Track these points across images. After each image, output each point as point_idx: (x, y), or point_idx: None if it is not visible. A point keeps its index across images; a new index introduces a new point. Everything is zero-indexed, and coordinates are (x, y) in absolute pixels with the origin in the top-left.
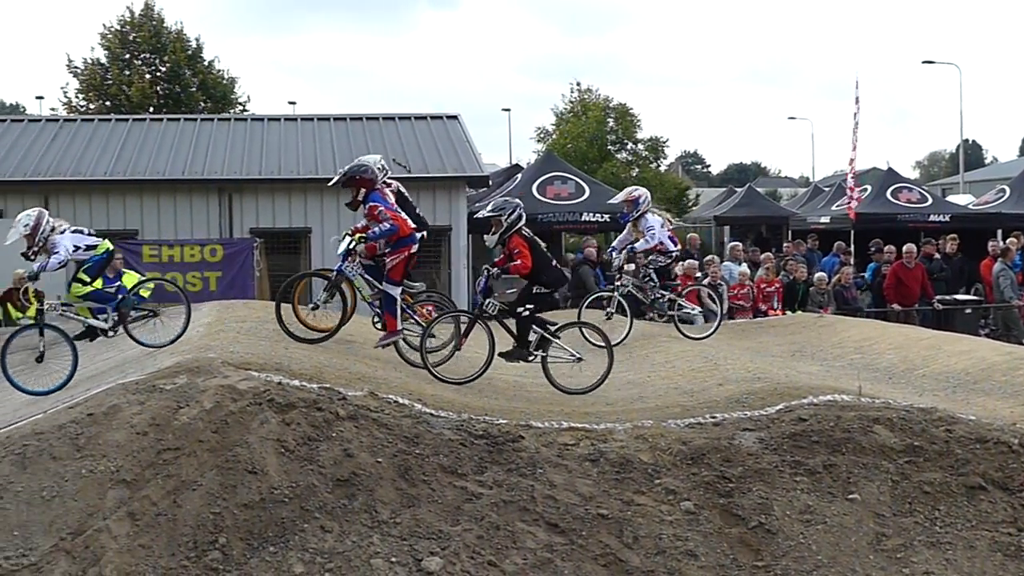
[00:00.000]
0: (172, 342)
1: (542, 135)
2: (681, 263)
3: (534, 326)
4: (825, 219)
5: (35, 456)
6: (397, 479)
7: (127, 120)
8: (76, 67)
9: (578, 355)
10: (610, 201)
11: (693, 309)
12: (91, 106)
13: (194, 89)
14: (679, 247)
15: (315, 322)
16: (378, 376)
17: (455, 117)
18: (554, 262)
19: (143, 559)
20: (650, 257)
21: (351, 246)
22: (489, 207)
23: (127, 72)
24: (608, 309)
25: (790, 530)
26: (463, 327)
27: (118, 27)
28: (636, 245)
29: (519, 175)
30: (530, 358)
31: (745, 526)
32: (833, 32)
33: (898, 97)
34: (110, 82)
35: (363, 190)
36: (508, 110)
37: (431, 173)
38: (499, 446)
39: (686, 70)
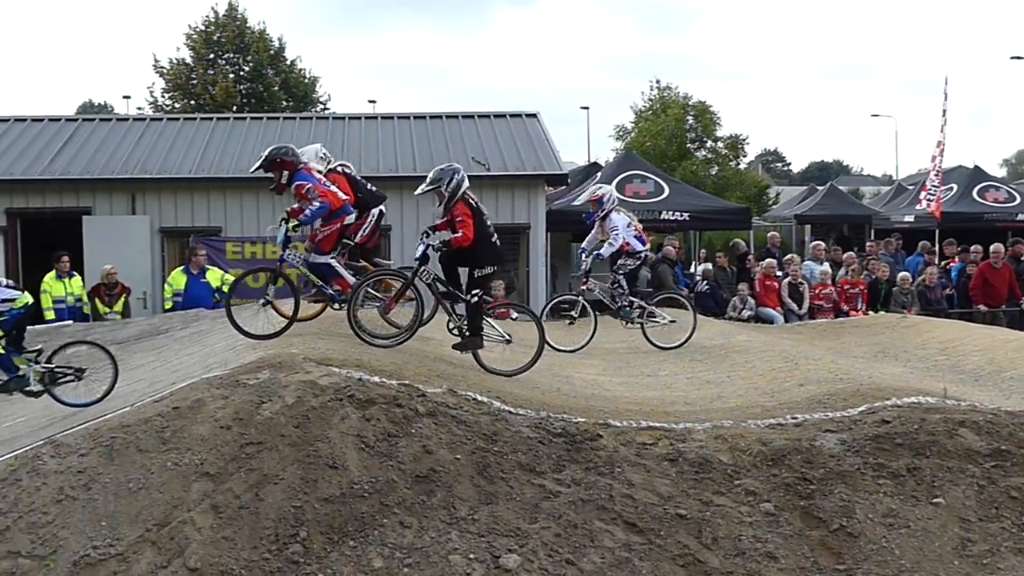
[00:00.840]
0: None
1: (621, 133)
2: (760, 262)
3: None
4: (909, 218)
5: (122, 448)
6: (475, 476)
7: (211, 119)
8: (162, 67)
9: (507, 336)
10: (575, 202)
11: (663, 318)
12: (176, 105)
13: (276, 88)
14: (648, 246)
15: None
16: (457, 374)
17: (534, 115)
18: (494, 238)
19: (226, 551)
20: (619, 262)
21: (288, 232)
22: (425, 182)
23: (211, 72)
24: (571, 313)
25: (872, 534)
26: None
27: (203, 27)
28: (602, 250)
29: (598, 173)
30: (483, 345)
31: (826, 529)
32: (916, 27)
33: (984, 94)
34: (195, 81)
35: (286, 172)
36: (587, 108)
37: (510, 171)
38: (577, 444)
39: (766, 66)
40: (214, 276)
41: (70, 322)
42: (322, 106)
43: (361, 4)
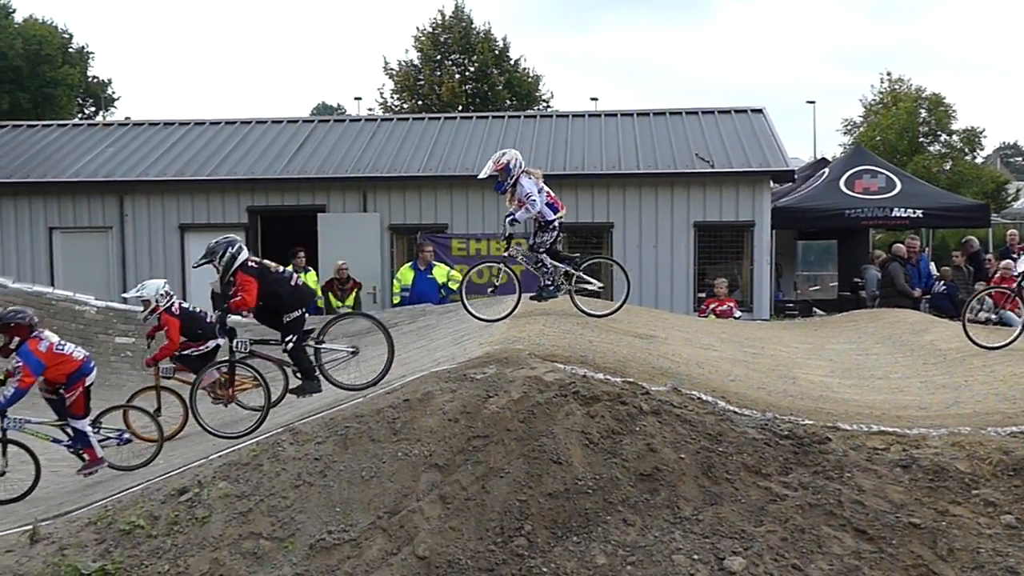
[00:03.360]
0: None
1: (849, 127)
2: (999, 262)
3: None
4: None
5: (356, 438)
6: (700, 476)
7: (439, 119)
8: (391, 69)
9: (352, 348)
10: (480, 176)
11: (593, 284)
12: (405, 106)
13: (500, 88)
14: (562, 211)
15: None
16: (681, 371)
17: (760, 110)
18: (294, 280)
19: (453, 541)
20: (537, 240)
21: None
22: (200, 255)
23: (438, 72)
24: (495, 281)
25: None
26: (229, 375)
27: (430, 30)
28: (517, 215)
29: (826, 169)
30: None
31: None
32: None
33: None
34: (422, 82)
35: (16, 338)
36: (812, 102)
37: (735, 168)
38: (805, 447)
39: (1006, 55)
40: (440, 272)
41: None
42: (545, 104)
43: (582, 2)
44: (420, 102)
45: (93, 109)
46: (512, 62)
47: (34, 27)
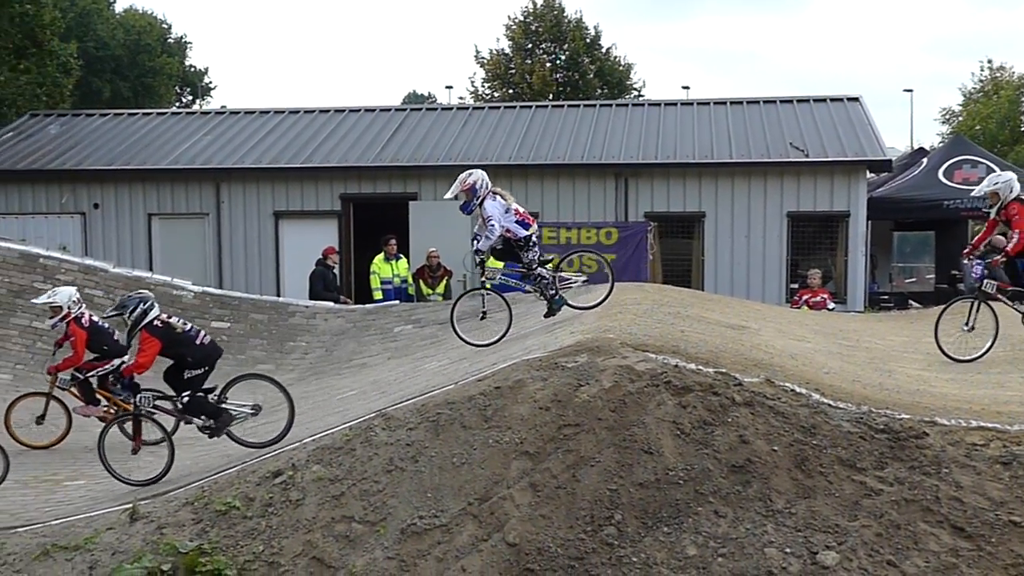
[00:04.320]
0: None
1: (948, 116)
2: None
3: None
4: None
5: (447, 424)
6: (793, 469)
7: (530, 107)
8: (483, 57)
9: (254, 406)
10: (446, 196)
11: (576, 280)
12: (495, 94)
13: (591, 76)
14: (533, 226)
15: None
16: (774, 363)
17: (856, 99)
18: (200, 338)
19: (543, 528)
20: (526, 259)
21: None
22: (114, 306)
23: (529, 61)
24: (482, 309)
25: None
26: (138, 424)
27: (522, 19)
28: (480, 245)
29: (924, 159)
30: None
31: None
32: None
33: None
34: (513, 71)
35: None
36: (910, 91)
37: (830, 157)
38: (901, 442)
39: None
40: None
41: (396, 302)
42: (636, 93)
43: None
44: (511, 91)
45: (191, 98)
46: (603, 50)
47: (134, 18)
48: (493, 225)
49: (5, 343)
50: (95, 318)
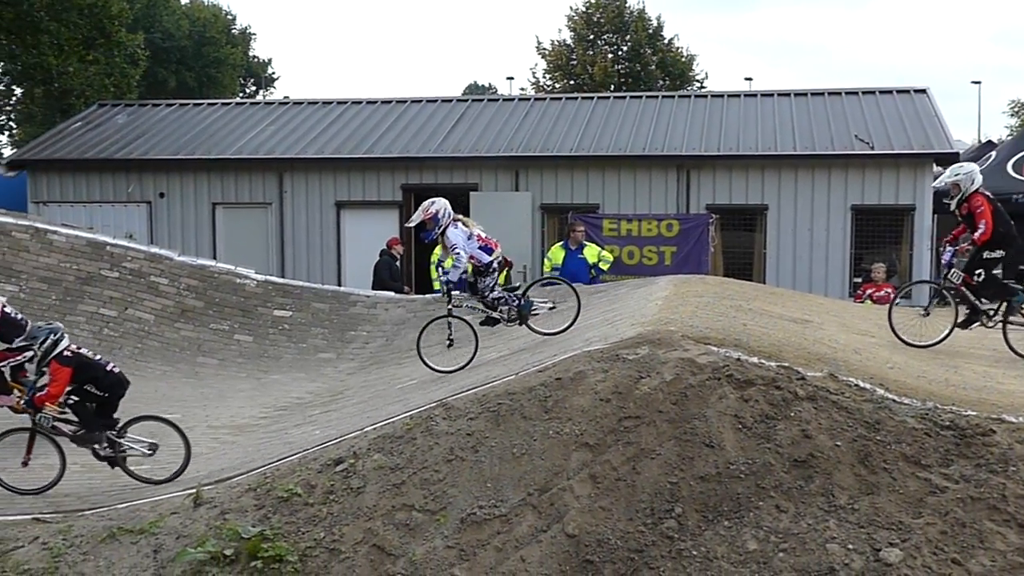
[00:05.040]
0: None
1: (1017, 109)
2: None
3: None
4: None
5: (507, 415)
6: (856, 464)
7: (591, 98)
8: (544, 48)
9: (149, 446)
10: (407, 224)
11: (542, 307)
12: (557, 85)
13: (653, 67)
14: (497, 251)
15: None
16: (838, 358)
17: (923, 91)
18: (110, 367)
19: (603, 520)
20: (483, 284)
21: None
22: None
23: (591, 52)
24: (449, 337)
25: None
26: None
27: (584, 9)
28: (450, 276)
29: (992, 152)
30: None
31: None
32: None
33: None
34: (575, 62)
35: None
36: (978, 83)
37: (896, 150)
38: (967, 439)
39: None
40: (591, 252)
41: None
42: (698, 84)
43: None
44: (572, 82)
45: (254, 88)
46: (665, 41)
47: (199, 9)
48: (460, 254)
49: (73, 329)
50: (8, 309)
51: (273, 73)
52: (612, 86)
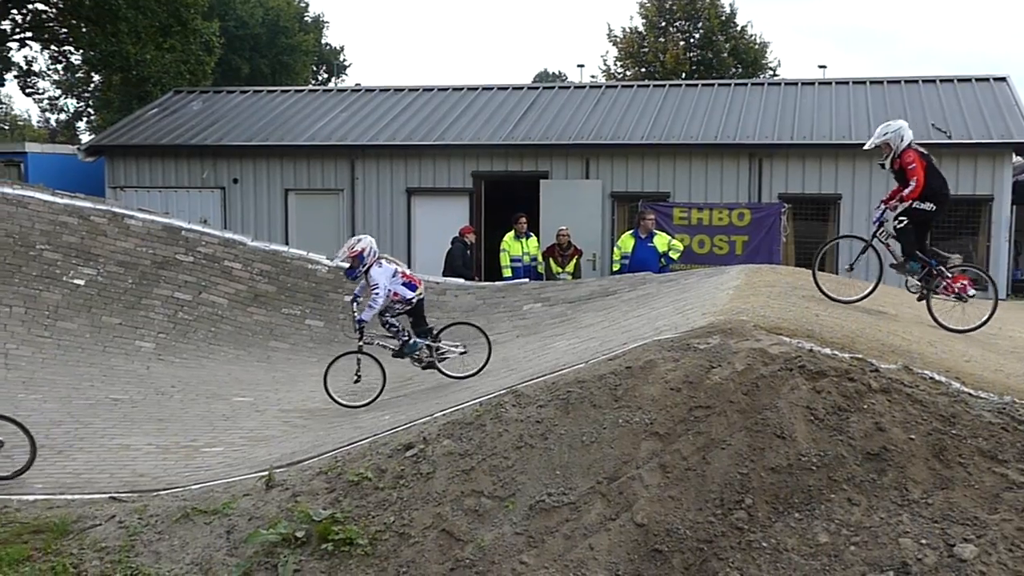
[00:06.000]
0: None
1: None
2: None
3: None
4: None
5: (577, 403)
6: (930, 458)
7: (663, 86)
8: (615, 36)
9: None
10: (332, 262)
11: (453, 351)
12: (628, 73)
13: (725, 55)
14: (420, 288)
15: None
16: (912, 350)
17: (1003, 79)
18: None
19: (672, 510)
20: (389, 312)
21: None
22: None
23: (662, 39)
24: (357, 372)
25: None
26: None
27: None
28: (364, 316)
29: None
30: None
31: None
32: None
33: None
34: (646, 49)
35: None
36: None
37: (974, 139)
38: None
39: None
40: (661, 241)
41: (526, 280)
42: (771, 72)
43: None
44: (643, 69)
45: (326, 75)
46: (738, 28)
47: None
48: (378, 294)
49: (148, 312)
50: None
51: (345, 60)
52: (684, 74)
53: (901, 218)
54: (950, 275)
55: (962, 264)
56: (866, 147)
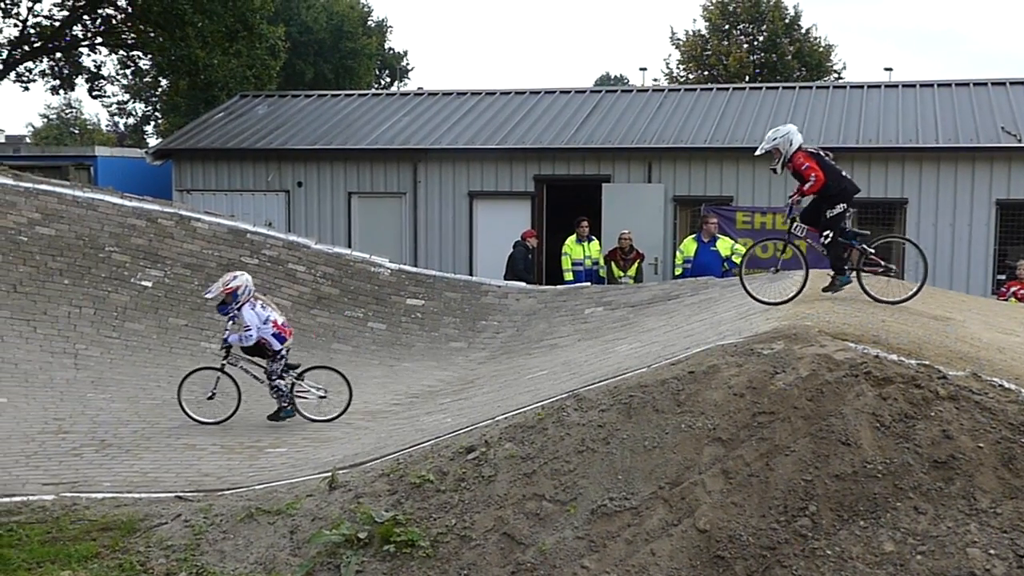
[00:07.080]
0: None
1: None
2: None
3: None
4: None
5: (639, 407)
6: (999, 467)
7: (727, 89)
8: (678, 39)
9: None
10: (206, 295)
11: (311, 393)
12: (690, 76)
13: (790, 58)
14: (289, 339)
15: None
16: (981, 356)
17: None
18: None
19: (734, 516)
20: (270, 368)
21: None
22: None
23: (726, 42)
24: (212, 389)
25: None
26: None
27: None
28: (231, 338)
29: None
30: None
31: None
32: None
33: None
34: (709, 52)
35: None
36: None
37: None
38: None
39: None
40: (724, 245)
41: (587, 283)
42: (836, 75)
43: None
44: (706, 72)
45: (389, 79)
46: (803, 31)
47: (337, 3)
48: (251, 334)
49: (214, 314)
50: None
51: (407, 64)
52: (747, 77)
53: (826, 234)
54: (872, 251)
55: (884, 237)
56: (756, 153)
